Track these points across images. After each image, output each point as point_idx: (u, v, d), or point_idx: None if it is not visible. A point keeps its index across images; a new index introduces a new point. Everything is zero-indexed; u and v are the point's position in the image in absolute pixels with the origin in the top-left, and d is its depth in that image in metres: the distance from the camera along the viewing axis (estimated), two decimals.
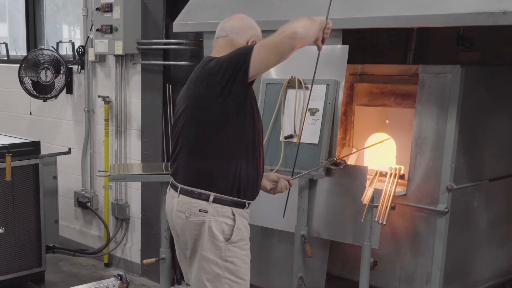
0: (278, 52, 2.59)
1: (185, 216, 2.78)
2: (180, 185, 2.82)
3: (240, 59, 2.62)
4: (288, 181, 3.03)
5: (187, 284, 3.11)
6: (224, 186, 2.74)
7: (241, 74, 2.62)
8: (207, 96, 2.71)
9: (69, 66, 5.40)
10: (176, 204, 2.83)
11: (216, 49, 2.87)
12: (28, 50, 6.01)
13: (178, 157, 2.87)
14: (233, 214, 2.77)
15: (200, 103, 2.75)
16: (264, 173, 2.98)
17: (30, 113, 5.98)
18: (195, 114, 2.77)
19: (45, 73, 5.25)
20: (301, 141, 3.36)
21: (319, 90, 3.35)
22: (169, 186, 2.95)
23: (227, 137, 2.73)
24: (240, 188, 2.77)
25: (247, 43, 2.82)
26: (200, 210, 2.75)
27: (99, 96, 5.21)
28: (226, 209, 2.76)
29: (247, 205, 2.83)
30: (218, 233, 2.75)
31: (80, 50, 5.29)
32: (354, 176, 3.30)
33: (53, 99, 5.43)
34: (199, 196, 2.76)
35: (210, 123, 2.73)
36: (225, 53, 2.77)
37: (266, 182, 3.03)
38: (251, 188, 2.83)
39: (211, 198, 2.74)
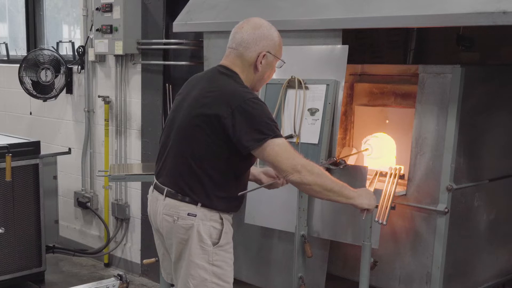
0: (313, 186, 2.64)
1: (173, 220, 2.73)
2: (166, 188, 2.77)
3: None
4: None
5: (171, 284, 3.09)
6: (210, 201, 2.71)
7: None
8: (210, 129, 2.64)
9: (69, 66, 5.40)
10: (163, 207, 2.77)
11: (227, 60, 2.81)
12: (28, 50, 6.01)
13: (166, 159, 2.81)
14: (221, 218, 2.76)
15: (201, 124, 2.67)
16: (262, 168, 3.00)
17: (30, 113, 5.98)
18: (193, 129, 2.69)
19: (45, 73, 5.26)
20: (301, 141, 3.36)
21: (319, 90, 3.35)
22: (152, 188, 2.89)
23: (221, 160, 2.69)
24: (226, 205, 2.76)
25: (258, 56, 2.75)
26: (188, 214, 2.71)
27: (99, 96, 5.22)
28: (214, 214, 2.74)
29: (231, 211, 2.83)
30: (206, 237, 2.72)
31: (80, 50, 5.29)
32: (354, 176, 3.29)
33: (53, 99, 5.43)
34: (186, 201, 2.72)
35: (206, 143, 2.67)
36: (236, 67, 2.75)
37: (262, 176, 3.00)
38: (236, 205, 2.84)
39: (199, 204, 2.71)
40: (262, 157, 2.63)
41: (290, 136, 3.42)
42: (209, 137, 2.65)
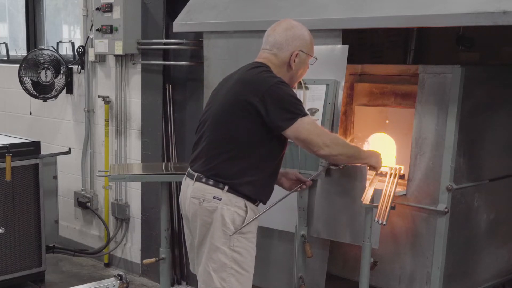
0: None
1: (199, 202, 2.84)
2: (196, 174, 2.88)
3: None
4: (305, 182, 3.15)
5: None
6: (239, 184, 2.81)
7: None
8: (243, 114, 2.78)
9: (69, 66, 5.41)
10: (191, 191, 2.88)
11: (261, 58, 2.95)
12: (28, 50, 6.01)
13: (200, 146, 2.92)
14: (246, 206, 2.84)
15: (234, 110, 2.80)
16: (282, 171, 3.08)
17: (30, 113, 5.98)
18: (229, 115, 2.82)
19: (45, 73, 5.26)
20: None
21: (319, 90, 3.35)
22: (185, 176, 3.02)
23: (253, 143, 2.81)
24: (255, 191, 2.85)
25: (291, 55, 2.89)
26: (214, 197, 2.81)
27: (99, 96, 5.22)
28: (239, 200, 2.83)
29: (258, 202, 2.91)
30: (229, 221, 2.81)
31: (80, 50, 5.29)
32: (354, 176, 3.30)
33: (53, 99, 5.43)
34: (214, 184, 2.82)
35: (241, 130, 2.80)
36: (269, 63, 2.89)
37: (284, 180, 3.12)
38: (265, 193, 2.94)
39: (226, 187, 2.80)
40: (295, 135, 2.79)
41: None
42: (241, 122, 2.79)
